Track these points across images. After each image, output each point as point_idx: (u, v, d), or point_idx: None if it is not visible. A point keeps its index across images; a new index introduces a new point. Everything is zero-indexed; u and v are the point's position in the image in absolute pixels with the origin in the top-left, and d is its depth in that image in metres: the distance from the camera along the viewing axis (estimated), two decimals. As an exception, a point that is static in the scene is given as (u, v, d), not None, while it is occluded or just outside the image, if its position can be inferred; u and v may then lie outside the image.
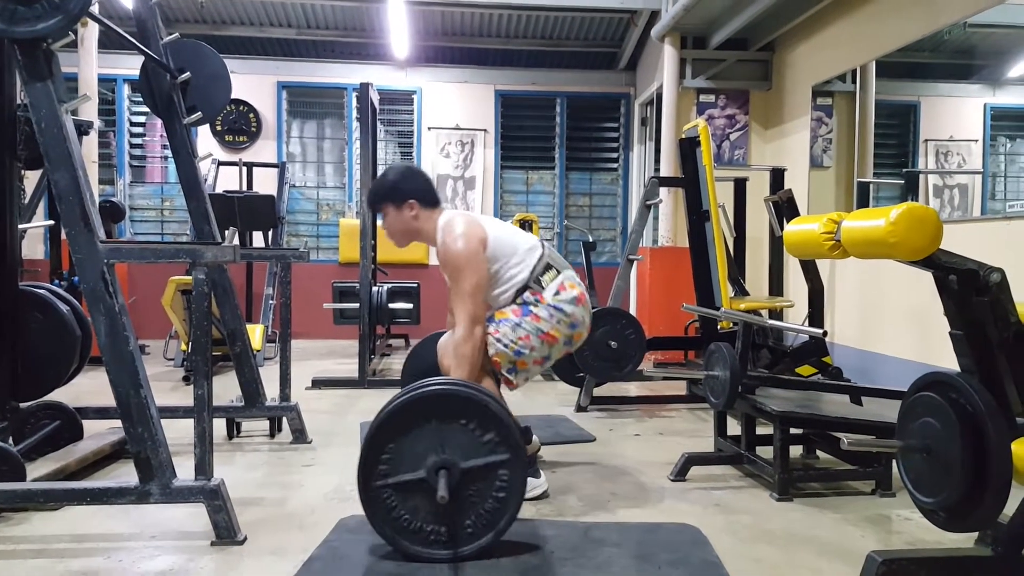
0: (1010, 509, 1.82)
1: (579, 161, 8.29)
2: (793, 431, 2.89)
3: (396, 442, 2.13)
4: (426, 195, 2.74)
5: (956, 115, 4.99)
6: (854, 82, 5.27)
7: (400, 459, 2.13)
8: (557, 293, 2.69)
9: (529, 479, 2.70)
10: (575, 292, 2.72)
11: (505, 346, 2.63)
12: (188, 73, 3.39)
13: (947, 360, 1.97)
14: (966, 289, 1.83)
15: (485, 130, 8.01)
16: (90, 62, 6.14)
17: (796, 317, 5.20)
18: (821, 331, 2.85)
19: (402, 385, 2.61)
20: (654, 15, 6.77)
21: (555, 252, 2.83)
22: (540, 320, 2.65)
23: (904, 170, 5.16)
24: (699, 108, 6.53)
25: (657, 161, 6.85)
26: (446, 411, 2.15)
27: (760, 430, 3.07)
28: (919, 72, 5.04)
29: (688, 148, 4.33)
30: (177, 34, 3.40)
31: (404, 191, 2.71)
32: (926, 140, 5.00)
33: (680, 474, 3.01)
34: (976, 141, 4.75)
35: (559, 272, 2.73)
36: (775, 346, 4.54)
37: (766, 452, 2.92)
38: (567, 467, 3.18)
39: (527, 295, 2.68)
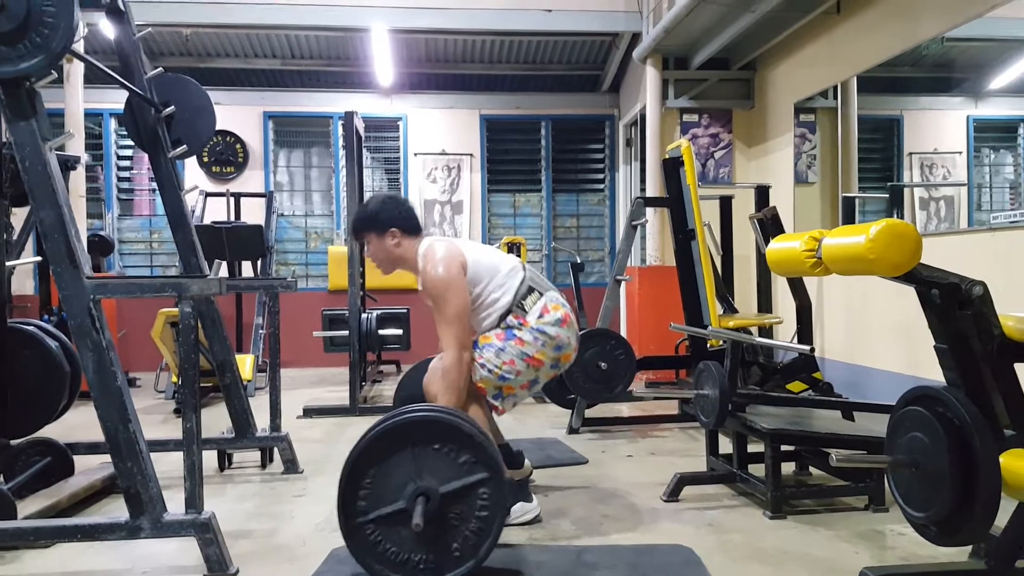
0: (1002, 522, 1.82)
1: (565, 183, 8.34)
2: (785, 448, 2.89)
3: (372, 476, 2.12)
4: (407, 223, 2.76)
5: (939, 128, 5.05)
6: (836, 98, 5.33)
7: (379, 492, 2.12)
8: (541, 316, 2.68)
9: (521, 503, 2.70)
10: (559, 313, 2.71)
11: (489, 371, 2.63)
12: (172, 107, 3.40)
13: (937, 372, 1.98)
14: (949, 303, 1.85)
15: (471, 154, 8.06)
16: (76, 97, 6.14)
17: (785, 333, 5.22)
18: (808, 348, 2.87)
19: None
20: (635, 37, 6.86)
21: (537, 274, 2.84)
22: (524, 344, 2.65)
23: (889, 184, 5.21)
24: (683, 128, 6.59)
25: (643, 181, 6.90)
26: (419, 438, 2.14)
27: (752, 447, 3.07)
28: (901, 86, 5.10)
29: (672, 168, 4.37)
30: (160, 68, 3.42)
31: (385, 220, 2.74)
32: (910, 153, 5.05)
33: (673, 494, 3.00)
34: (960, 153, 4.80)
35: (542, 294, 2.73)
36: (765, 363, 4.55)
37: (758, 470, 2.92)
38: (559, 490, 3.17)
39: (511, 319, 2.68)
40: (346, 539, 2.11)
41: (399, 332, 5.64)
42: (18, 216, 4.86)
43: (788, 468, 3.20)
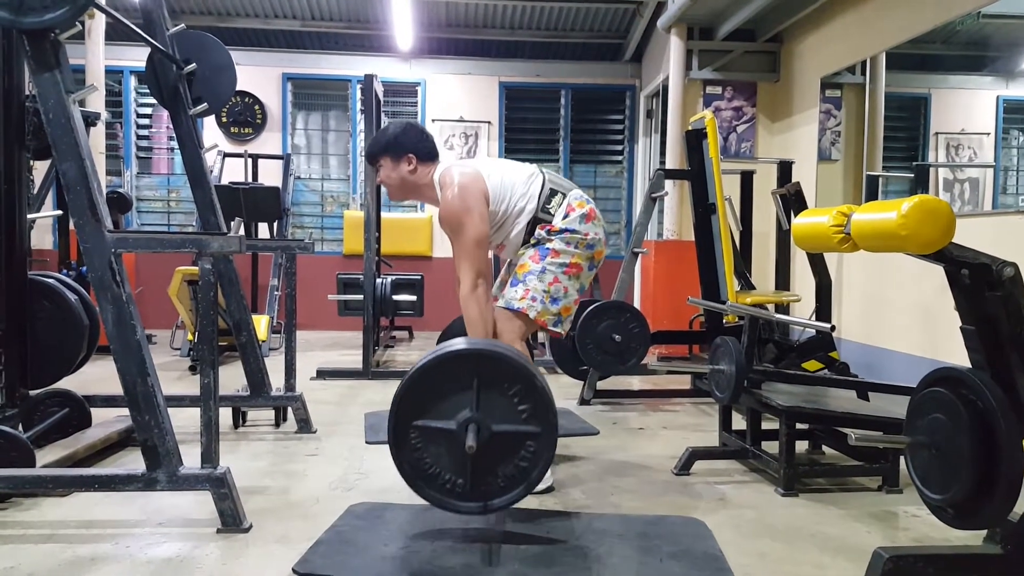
0: (1020, 507, 1.81)
1: (584, 153, 8.27)
2: (799, 426, 2.88)
3: (436, 388, 2.14)
4: (424, 149, 2.76)
5: (967, 108, 4.95)
6: (863, 74, 5.23)
7: (435, 406, 2.13)
8: (566, 216, 2.70)
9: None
10: (584, 210, 2.72)
11: (542, 302, 2.65)
12: (194, 64, 3.38)
13: (955, 356, 1.96)
14: (978, 284, 1.82)
15: (489, 122, 7.99)
16: (97, 53, 6.13)
17: (803, 311, 5.18)
18: (829, 325, 2.84)
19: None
20: (660, 6, 6.73)
21: (556, 175, 2.83)
22: (560, 254, 2.67)
23: (914, 163, 5.12)
24: (705, 100, 6.49)
25: (662, 153, 6.82)
26: (492, 372, 2.14)
27: (765, 425, 3.06)
28: (930, 64, 4.99)
29: (695, 140, 4.31)
30: (183, 25, 3.39)
31: (403, 144, 2.74)
32: (936, 133, 4.96)
33: (684, 468, 3.01)
34: (988, 134, 4.71)
35: (564, 195, 2.74)
36: (781, 341, 4.52)
37: (771, 447, 2.91)
38: (571, 461, 3.18)
39: (538, 232, 2.70)
40: (390, 434, 2.13)
41: (413, 298, 5.65)
42: (38, 170, 4.89)
43: (801, 447, 3.19)
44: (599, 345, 4.04)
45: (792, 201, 4.69)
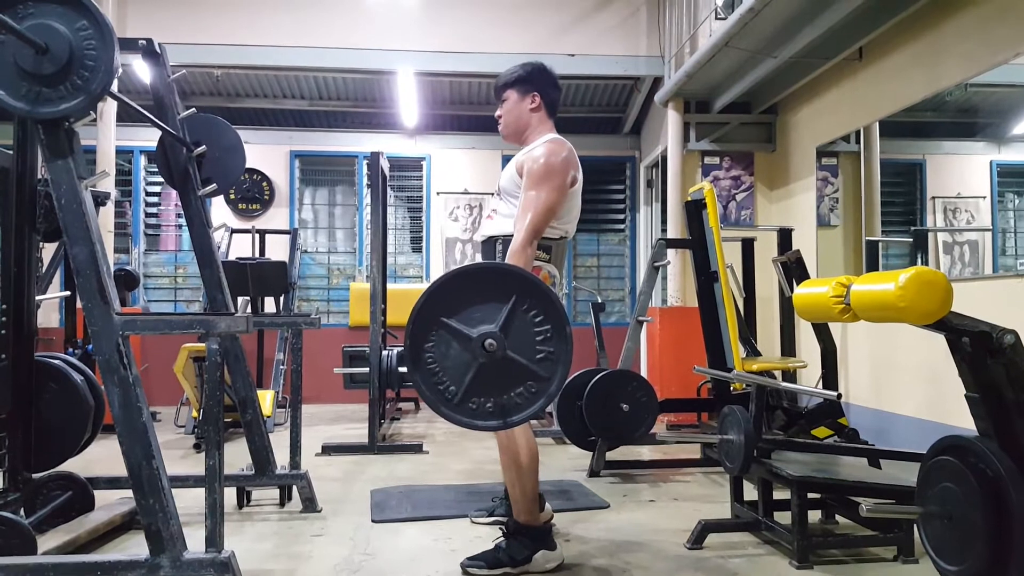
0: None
1: (586, 223, 8.34)
2: (811, 496, 2.83)
3: (466, 295, 2.12)
4: (549, 97, 2.80)
5: (962, 172, 5.04)
6: (858, 142, 5.34)
7: (460, 310, 2.11)
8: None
9: (543, 552, 2.66)
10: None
11: None
12: (204, 146, 3.47)
13: (965, 418, 1.95)
14: (979, 352, 1.82)
15: (493, 194, 8.12)
16: (108, 135, 6.31)
17: (809, 377, 5.16)
18: (836, 394, 2.82)
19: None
20: (657, 81, 6.94)
21: (565, 251, 2.83)
22: None
23: (913, 228, 5.18)
24: (704, 170, 6.61)
25: (663, 222, 6.91)
26: (524, 299, 2.12)
27: (777, 494, 3.01)
28: (923, 131, 5.10)
29: (694, 210, 4.37)
30: (194, 109, 3.50)
31: (535, 82, 2.77)
32: (933, 197, 5.03)
33: (697, 542, 2.95)
34: (984, 198, 4.78)
35: (547, 264, 2.75)
36: (789, 407, 4.49)
37: (784, 517, 2.85)
38: (580, 536, 3.12)
39: None
40: (411, 319, 2.10)
41: (419, 370, 5.62)
42: (46, 249, 4.97)
43: (814, 516, 3.13)
44: (607, 415, 4.01)
45: (793, 269, 4.73)
